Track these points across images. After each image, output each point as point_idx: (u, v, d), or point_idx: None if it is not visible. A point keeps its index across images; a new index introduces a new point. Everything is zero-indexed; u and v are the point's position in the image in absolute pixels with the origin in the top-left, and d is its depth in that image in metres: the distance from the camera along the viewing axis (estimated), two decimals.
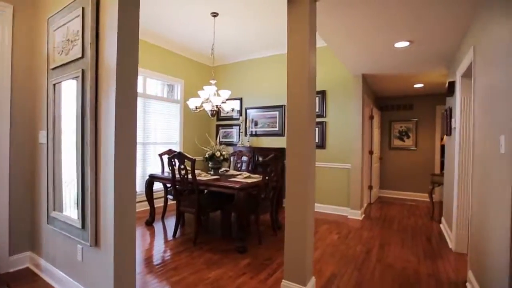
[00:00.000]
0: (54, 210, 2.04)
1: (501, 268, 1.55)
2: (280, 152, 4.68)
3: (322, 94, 4.64)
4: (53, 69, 2.01)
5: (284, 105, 5.02)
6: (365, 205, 4.84)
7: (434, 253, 2.97)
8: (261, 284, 2.22)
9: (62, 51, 1.89)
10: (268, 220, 3.90)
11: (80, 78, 1.71)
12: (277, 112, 5.12)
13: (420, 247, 3.12)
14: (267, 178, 3.11)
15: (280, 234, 3.44)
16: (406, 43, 2.92)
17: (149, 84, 4.78)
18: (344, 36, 2.88)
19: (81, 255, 1.83)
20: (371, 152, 5.28)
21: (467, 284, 2.28)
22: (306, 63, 1.99)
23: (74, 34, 1.76)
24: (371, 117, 5.24)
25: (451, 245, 3.13)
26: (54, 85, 2.01)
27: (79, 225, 1.75)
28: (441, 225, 3.94)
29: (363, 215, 4.45)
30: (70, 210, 1.94)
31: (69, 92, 1.89)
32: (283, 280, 2.05)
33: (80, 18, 1.70)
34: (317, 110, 4.67)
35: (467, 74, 2.75)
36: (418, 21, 2.45)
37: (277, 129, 5.12)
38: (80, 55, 1.71)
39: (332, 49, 3.31)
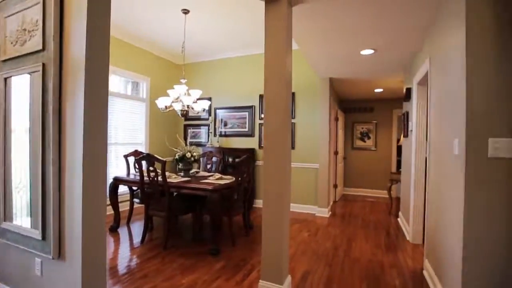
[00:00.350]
0: (5, 221, 1.81)
1: (455, 257, 1.73)
2: (250, 153, 4.70)
3: (292, 96, 4.75)
4: (4, 61, 1.78)
5: (254, 106, 5.05)
6: (331, 203, 5.07)
7: (394, 245, 3.22)
8: (238, 286, 2.21)
9: (17, 41, 1.68)
10: (239, 221, 3.90)
11: (40, 73, 1.53)
12: (246, 113, 5.12)
13: (382, 241, 3.36)
14: (240, 179, 3.11)
15: (252, 235, 3.45)
16: (371, 51, 3.13)
17: (112, 80, 4.47)
18: (316, 42, 2.99)
19: (40, 269, 1.65)
20: (336, 152, 5.55)
21: (424, 272, 2.51)
22: (283, 64, 2.02)
23: (33, 23, 1.57)
24: (336, 119, 5.51)
25: (408, 237, 3.42)
26: (5, 79, 1.78)
27: (38, 236, 1.58)
28: (398, 219, 4.28)
29: (330, 213, 4.66)
30: (22, 220, 1.74)
31: (22, 87, 1.69)
32: (260, 281, 2.06)
33: (40, 6, 1.53)
34: None
35: (423, 82, 3.03)
36: (382, 32, 2.64)
37: (246, 129, 5.13)
38: (40, 47, 1.54)
39: (303, 52, 3.41)
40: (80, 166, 1.44)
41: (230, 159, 4.94)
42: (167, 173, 3.30)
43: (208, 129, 5.40)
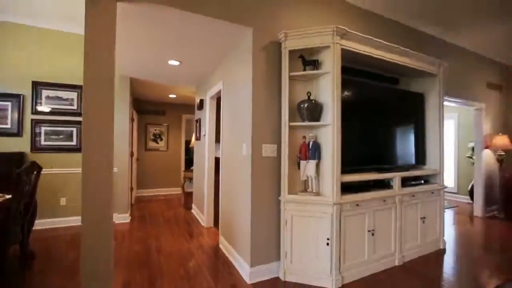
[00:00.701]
0: None
1: (245, 231, 2.52)
2: (18, 158, 3.54)
3: (81, 89, 4.09)
4: None
5: (24, 95, 3.79)
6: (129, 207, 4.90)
7: (194, 232, 3.82)
8: None
9: None
10: (15, 251, 2.85)
11: None
12: (9, 103, 3.74)
13: (184, 230, 3.87)
14: (19, 195, 2.35)
15: (37, 266, 2.71)
16: (177, 63, 3.51)
17: None
18: (129, 43, 2.90)
19: None
20: (132, 154, 5.41)
21: (220, 245, 3.27)
22: (107, 59, 1.91)
23: None
24: (132, 120, 5.38)
25: (203, 223, 4.18)
26: None
27: None
28: (192, 211, 5.02)
29: (130, 217, 4.53)
30: None
31: None
32: None
33: None
34: (74, 107, 4.05)
35: (215, 97, 3.85)
36: (190, 50, 3.08)
37: (8, 126, 3.74)
38: None
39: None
40: None
41: None
42: None
43: None
